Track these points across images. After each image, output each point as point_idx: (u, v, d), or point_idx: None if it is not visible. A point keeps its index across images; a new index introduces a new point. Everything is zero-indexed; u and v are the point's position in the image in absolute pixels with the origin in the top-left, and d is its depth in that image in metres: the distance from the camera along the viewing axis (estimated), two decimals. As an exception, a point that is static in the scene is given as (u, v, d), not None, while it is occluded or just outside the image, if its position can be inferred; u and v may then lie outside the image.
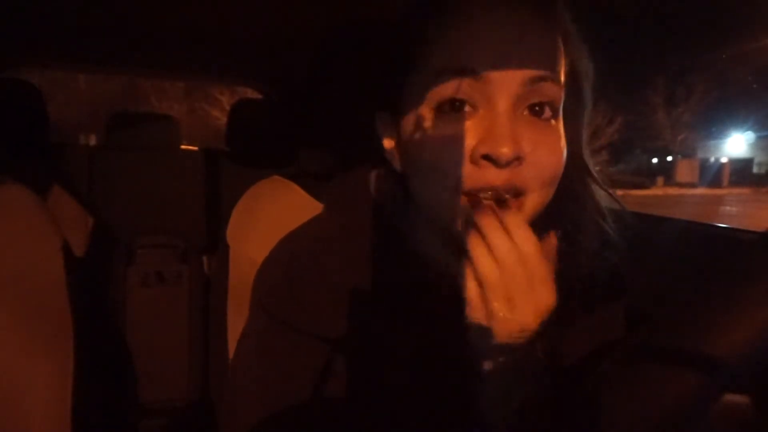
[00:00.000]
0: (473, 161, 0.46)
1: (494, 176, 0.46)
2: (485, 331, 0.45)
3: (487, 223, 0.44)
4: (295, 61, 1.54)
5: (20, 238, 0.80)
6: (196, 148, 2.12)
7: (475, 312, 0.45)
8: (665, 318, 0.37)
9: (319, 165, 0.92)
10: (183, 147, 2.11)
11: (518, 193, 0.47)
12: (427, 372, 0.55)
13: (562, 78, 0.49)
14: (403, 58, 0.51)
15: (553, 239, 0.49)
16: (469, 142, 0.46)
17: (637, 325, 0.59)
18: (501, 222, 0.44)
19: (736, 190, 17.71)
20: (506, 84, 0.46)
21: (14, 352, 0.78)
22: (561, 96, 0.49)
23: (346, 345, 0.56)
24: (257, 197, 0.85)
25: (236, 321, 0.81)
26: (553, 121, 0.49)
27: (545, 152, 0.47)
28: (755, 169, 19.77)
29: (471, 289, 0.45)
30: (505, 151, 0.44)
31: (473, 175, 0.46)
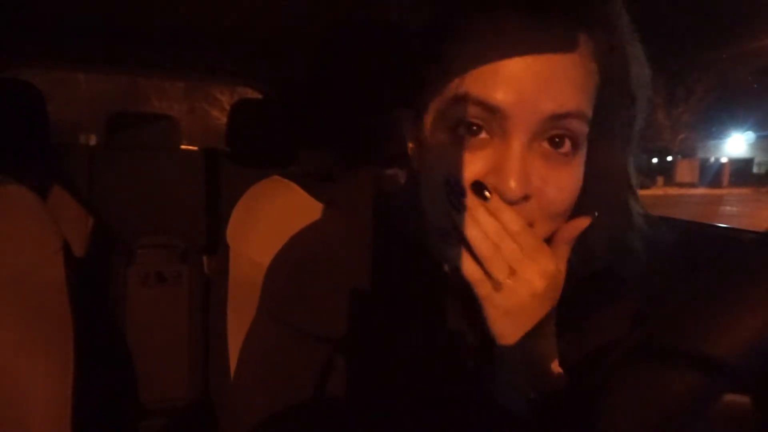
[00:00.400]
0: None
1: None
2: (496, 303, 0.45)
3: (474, 205, 0.45)
4: (295, 61, 1.54)
5: (20, 238, 0.80)
6: (196, 148, 2.12)
7: (481, 288, 0.45)
8: (665, 318, 0.37)
9: (319, 165, 0.92)
10: (183, 147, 2.11)
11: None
12: (437, 370, 0.56)
13: (589, 111, 0.46)
14: (425, 63, 0.49)
15: (581, 223, 0.48)
16: (480, 170, 0.45)
17: (638, 325, 0.59)
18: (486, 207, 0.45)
19: (736, 190, 17.71)
20: (524, 121, 0.44)
21: (14, 352, 0.78)
22: (584, 130, 0.46)
23: (351, 345, 0.56)
24: (257, 197, 0.85)
25: (236, 321, 0.81)
26: (570, 156, 0.46)
27: (555, 189, 0.46)
28: (755, 169, 19.76)
29: (471, 268, 0.45)
30: (513, 186, 0.43)
31: None
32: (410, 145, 0.56)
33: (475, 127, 0.45)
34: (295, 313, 0.57)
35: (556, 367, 0.51)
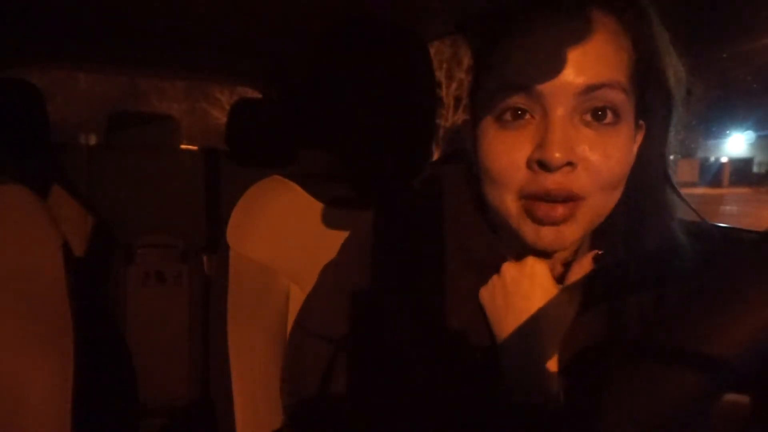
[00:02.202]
0: (529, 167, 0.49)
1: (549, 181, 0.48)
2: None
3: None
4: (295, 61, 1.54)
5: (20, 238, 0.80)
6: (196, 148, 2.12)
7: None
8: (665, 318, 0.37)
9: (319, 165, 0.92)
10: (183, 147, 2.11)
11: (572, 198, 0.49)
12: (452, 370, 0.57)
13: (627, 82, 0.50)
14: (478, 72, 0.55)
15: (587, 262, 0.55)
16: (527, 149, 0.49)
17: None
18: None
19: (736, 190, 17.70)
20: (560, 96, 0.48)
21: (14, 352, 0.78)
22: (624, 99, 0.50)
23: (369, 346, 0.59)
24: (257, 197, 0.85)
25: (236, 321, 0.81)
26: (614, 126, 0.50)
27: (601, 157, 0.49)
28: (755, 169, 19.75)
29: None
30: (556, 156, 0.47)
31: (530, 181, 0.49)
32: (470, 150, 0.59)
33: (519, 111, 0.50)
34: (323, 324, 0.62)
35: (554, 371, 0.53)
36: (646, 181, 0.55)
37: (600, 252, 0.56)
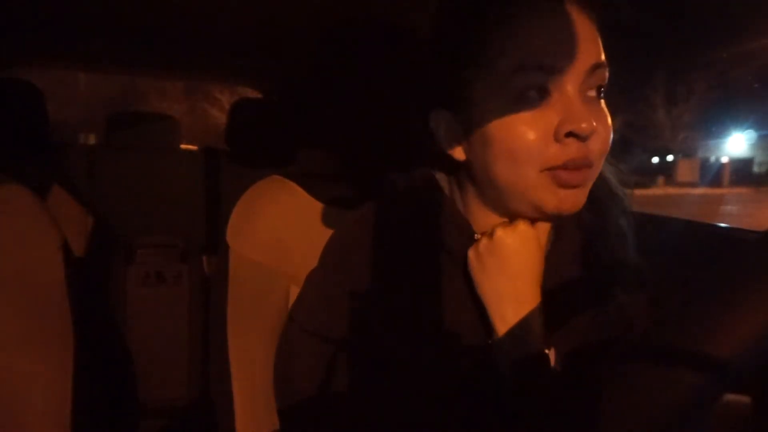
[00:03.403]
0: (557, 140, 0.53)
1: (575, 150, 0.53)
2: None
3: None
4: (295, 61, 1.54)
5: (20, 238, 0.80)
6: (196, 148, 2.12)
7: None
8: (665, 318, 0.37)
9: (319, 165, 0.92)
10: (183, 146, 2.11)
11: (588, 165, 0.55)
12: (449, 364, 0.59)
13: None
14: (477, 60, 0.56)
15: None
16: (552, 123, 0.53)
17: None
18: None
19: (736, 190, 17.69)
20: (575, 73, 0.53)
21: (14, 352, 0.78)
22: (606, 78, 0.56)
23: (359, 347, 0.61)
24: (257, 197, 0.85)
25: (236, 321, 0.81)
26: (602, 101, 0.57)
27: (604, 128, 0.55)
28: (756, 169, 19.74)
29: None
30: (585, 126, 0.52)
31: (558, 152, 0.53)
32: (453, 143, 0.61)
33: (538, 92, 0.53)
34: (315, 321, 0.64)
35: (545, 362, 0.55)
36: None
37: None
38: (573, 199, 0.56)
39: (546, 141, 0.53)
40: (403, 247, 0.62)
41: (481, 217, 0.63)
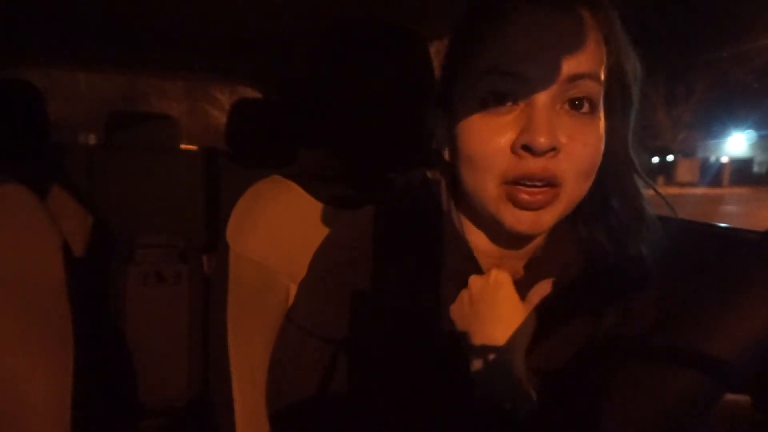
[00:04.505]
0: (514, 152, 0.50)
1: (532, 165, 0.50)
2: None
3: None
4: (295, 61, 1.54)
5: (20, 238, 0.80)
6: (195, 148, 2.12)
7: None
8: (665, 317, 0.37)
9: (319, 165, 0.92)
10: (183, 146, 2.11)
11: (552, 184, 0.51)
12: (438, 373, 0.58)
13: (602, 75, 0.52)
14: (460, 56, 0.55)
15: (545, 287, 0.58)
16: (511, 134, 0.50)
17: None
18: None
19: (736, 190, 17.68)
20: (545, 82, 0.49)
21: (14, 352, 0.78)
22: (599, 92, 0.52)
23: (360, 346, 0.61)
24: (257, 197, 0.85)
25: (236, 321, 0.81)
26: (591, 116, 0.52)
27: (580, 144, 0.51)
28: (756, 169, 19.73)
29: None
30: (541, 141, 0.48)
31: (514, 165, 0.50)
32: (443, 142, 0.60)
33: (504, 96, 0.51)
34: (314, 322, 0.63)
35: (523, 375, 0.55)
36: (614, 168, 0.57)
37: (554, 279, 0.59)
38: (531, 220, 0.52)
39: (503, 151, 0.51)
40: (401, 250, 0.62)
41: (469, 229, 0.62)
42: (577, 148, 0.51)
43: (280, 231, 0.81)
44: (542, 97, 0.50)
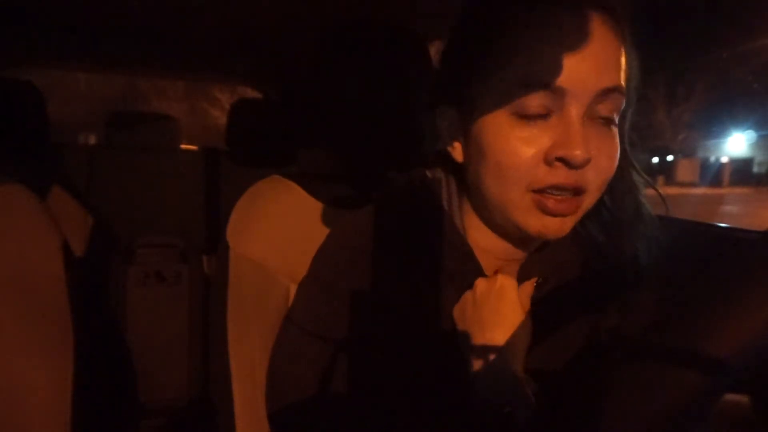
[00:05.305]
0: (547, 162, 0.51)
1: (564, 177, 0.51)
2: None
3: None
4: (295, 61, 1.54)
5: (20, 238, 0.80)
6: (195, 148, 2.12)
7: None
8: (665, 317, 0.37)
9: (319, 165, 0.92)
10: (183, 146, 2.11)
11: (579, 192, 0.52)
12: (441, 373, 0.58)
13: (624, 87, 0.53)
14: (489, 62, 0.54)
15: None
16: (542, 144, 0.51)
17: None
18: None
19: (736, 190, 17.68)
20: (581, 96, 0.50)
21: (14, 352, 0.78)
22: (623, 103, 0.53)
23: (360, 346, 0.61)
24: (257, 197, 0.85)
25: (236, 321, 0.81)
26: (612, 126, 0.53)
27: (606, 156, 0.52)
28: (756, 169, 19.73)
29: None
30: (578, 154, 0.49)
31: (545, 175, 0.51)
32: (453, 142, 0.60)
33: (536, 108, 0.51)
34: (317, 323, 0.63)
35: (522, 379, 0.55)
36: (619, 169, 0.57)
37: (540, 279, 0.60)
38: (557, 227, 0.53)
39: (536, 162, 0.51)
40: (401, 250, 0.62)
41: (474, 228, 0.62)
42: (603, 160, 0.52)
43: (280, 231, 0.81)
44: (577, 110, 0.50)
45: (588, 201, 0.54)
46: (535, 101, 0.50)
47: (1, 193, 0.80)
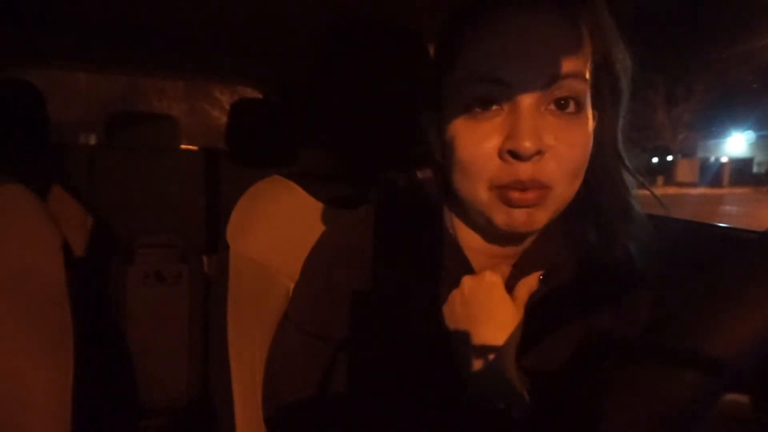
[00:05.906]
0: (501, 157, 0.50)
1: (520, 171, 0.50)
2: None
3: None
4: (295, 61, 1.54)
5: (20, 238, 0.80)
6: (196, 148, 2.12)
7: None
8: (666, 317, 0.37)
9: (319, 165, 0.92)
10: (183, 147, 2.11)
11: (541, 187, 0.51)
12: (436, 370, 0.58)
13: (587, 73, 0.52)
14: (444, 61, 0.55)
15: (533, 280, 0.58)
16: (497, 139, 0.50)
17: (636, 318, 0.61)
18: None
19: (736, 190, 17.68)
20: (527, 86, 0.49)
21: (14, 352, 0.78)
22: (585, 90, 0.52)
23: (356, 345, 0.61)
24: (257, 197, 0.85)
25: (236, 321, 0.81)
26: (577, 115, 0.52)
27: (567, 145, 0.51)
28: (755, 169, 19.73)
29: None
30: (527, 145, 0.48)
31: (502, 171, 0.51)
32: (432, 142, 0.60)
33: (487, 102, 0.51)
34: (312, 321, 0.63)
35: (519, 381, 0.55)
36: (602, 163, 0.56)
37: (543, 273, 0.59)
38: (524, 219, 0.52)
39: (490, 158, 0.51)
40: (397, 249, 0.62)
41: (462, 227, 0.62)
42: (563, 149, 0.50)
43: (280, 231, 0.81)
44: (526, 101, 0.49)
45: (558, 192, 0.52)
46: (482, 97, 0.51)
47: (1, 193, 0.80)
